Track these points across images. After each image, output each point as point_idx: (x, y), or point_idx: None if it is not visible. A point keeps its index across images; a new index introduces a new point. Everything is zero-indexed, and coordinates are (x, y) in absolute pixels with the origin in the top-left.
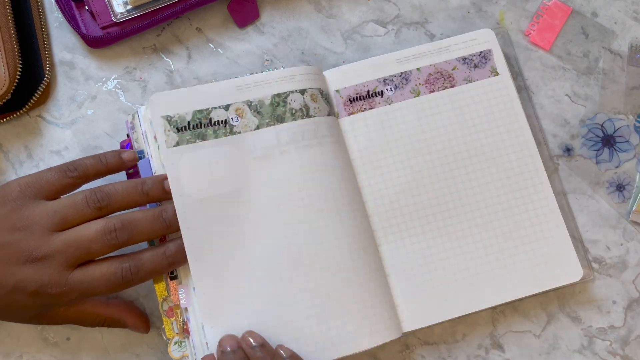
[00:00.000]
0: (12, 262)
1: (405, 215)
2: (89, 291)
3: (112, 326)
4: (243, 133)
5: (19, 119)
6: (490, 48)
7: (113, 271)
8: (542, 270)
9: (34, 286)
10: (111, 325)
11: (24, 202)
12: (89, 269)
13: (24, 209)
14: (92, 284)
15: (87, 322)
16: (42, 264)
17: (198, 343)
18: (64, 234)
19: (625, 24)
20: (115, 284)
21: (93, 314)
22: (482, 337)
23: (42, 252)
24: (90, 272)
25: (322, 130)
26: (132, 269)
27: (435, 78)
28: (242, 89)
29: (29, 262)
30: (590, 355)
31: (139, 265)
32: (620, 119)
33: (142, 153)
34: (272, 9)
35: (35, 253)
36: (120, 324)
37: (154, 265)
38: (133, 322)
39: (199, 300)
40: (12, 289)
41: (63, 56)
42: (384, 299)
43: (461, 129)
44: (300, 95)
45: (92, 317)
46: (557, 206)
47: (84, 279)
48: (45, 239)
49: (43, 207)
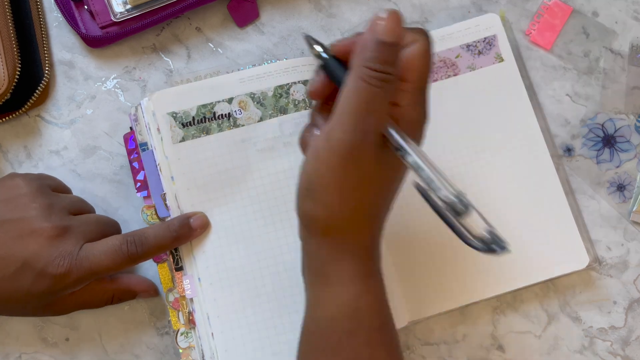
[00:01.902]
0: (24, 235)
1: (410, 205)
2: (95, 266)
3: (122, 300)
4: (247, 125)
5: (18, 118)
6: (495, 34)
7: (118, 244)
8: (548, 259)
9: (43, 263)
10: (121, 299)
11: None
12: (94, 244)
13: (52, 196)
14: (97, 258)
15: (95, 302)
16: (56, 241)
17: (204, 333)
18: (82, 215)
19: (626, 24)
20: (120, 257)
21: (100, 291)
22: (482, 337)
23: (58, 229)
24: (96, 247)
25: None
26: (136, 241)
27: (439, 67)
28: (244, 82)
29: (43, 238)
30: (591, 356)
31: (143, 239)
32: (621, 119)
33: (145, 145)
34: (272, 8)
35: (51, 231)
36: (129, 294)
37: (158, 240)
38: (142, 288)
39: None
40: (21, 265)
41: (62, 56)
42: (391, 289)
43: (465, 118)
44: (302, 86)
45: (100, 294)
46: (563, 193)
47: (89, 253)
48: (62, 216)
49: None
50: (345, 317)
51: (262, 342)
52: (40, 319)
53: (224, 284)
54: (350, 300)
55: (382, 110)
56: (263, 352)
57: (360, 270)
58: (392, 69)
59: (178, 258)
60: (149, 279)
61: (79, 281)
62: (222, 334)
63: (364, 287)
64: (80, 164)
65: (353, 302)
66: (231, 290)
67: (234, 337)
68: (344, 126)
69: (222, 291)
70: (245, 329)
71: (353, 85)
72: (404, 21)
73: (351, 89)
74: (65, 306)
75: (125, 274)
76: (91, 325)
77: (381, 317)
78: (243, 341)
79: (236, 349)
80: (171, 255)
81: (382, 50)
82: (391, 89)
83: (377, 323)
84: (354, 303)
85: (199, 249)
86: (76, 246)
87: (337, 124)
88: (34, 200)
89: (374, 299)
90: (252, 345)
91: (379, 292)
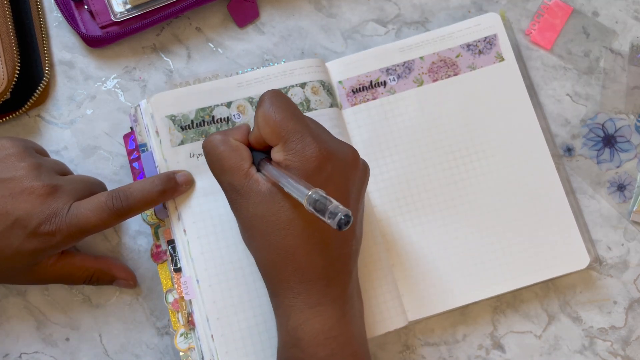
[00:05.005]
0: (15, 194)
1: (410, 205)
2: (83, 224)
3: (100, 282)
4: None
5: (18, 118)
6: (496, 33)
7: (104, 200)
8: (548, 258)
9: (34, 221)
10: (100, 280)
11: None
12: (82, 202)
13: (42, 160)
14: (85, 216)
15: (75, 278)
16: (48, 199)
17: (203, 334)
18: (69, 175)
19: (626, 24)
20: (107, 213)
21: (82, 267)
22: (482, 338)
23: (49, 188)
24: (83, 204)
25: (324, 122)
26: (121, 197)
27: (439, 66)
28: (242, 86)
29: (34, 196)
30: (591, 356)
31: (128, 194)
32: (621, 119)
33: (145, 146)
34: (271, 8)
35: (42, 190)
36: (108, 277)
37: (144, 194)
38: (121, 275)
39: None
40: (12, 224)
41: (62, 56)
42: (390, 289)
43: (466, 118)
44: (300, 89)
45: (81, 271)
46: (563, 193)
47: (77, 211)
48: (51, 175)
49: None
50: (287, 345)
51: (263, 344)
52: (40, 319)
53: (224, 286)
54: (294, 329)
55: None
56: (264, 354)
57: (312, 299)
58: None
59: (177, 259)
60: (131, 270)
61: (69, 238)
62: (223, 336)
63: (308, 316)
64: (80, 164)
65: (294, 332)
66: (230, 293)
67: (235, 339)
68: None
69: (221, 293)
70: (246, 331)
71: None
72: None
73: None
74: (47, 275)
75: (110, 258)
76: (91, 325)
77: (327, 349)
78: (244, 343)
79: (237, 351)
80: (170, 256)
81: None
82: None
83: (322, 354)
84: (296, 332)
85: (197, 250)
86: (66, 205)
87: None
88: (23, 160)
89: (320, 328)
90: (252, 347)
91: (327, 322)
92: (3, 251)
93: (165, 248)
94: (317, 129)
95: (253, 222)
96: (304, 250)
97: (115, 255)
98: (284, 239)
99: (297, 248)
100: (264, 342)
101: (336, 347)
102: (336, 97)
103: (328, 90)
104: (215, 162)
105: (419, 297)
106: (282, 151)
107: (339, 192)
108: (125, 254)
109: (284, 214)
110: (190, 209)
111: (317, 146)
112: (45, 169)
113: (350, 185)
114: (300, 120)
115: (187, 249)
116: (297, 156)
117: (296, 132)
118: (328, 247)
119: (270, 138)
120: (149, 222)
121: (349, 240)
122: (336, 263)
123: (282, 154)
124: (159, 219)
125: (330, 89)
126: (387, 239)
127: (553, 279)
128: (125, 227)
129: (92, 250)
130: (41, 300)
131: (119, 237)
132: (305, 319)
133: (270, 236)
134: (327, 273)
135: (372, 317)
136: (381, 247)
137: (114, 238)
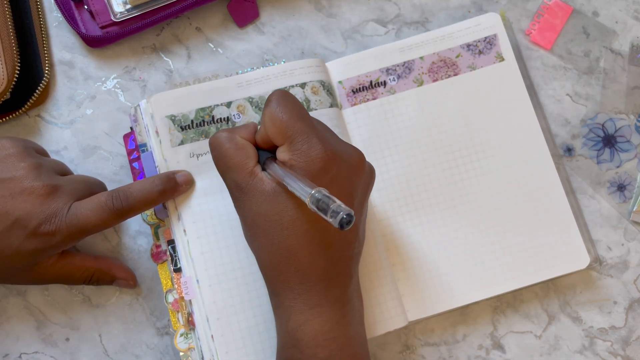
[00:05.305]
0: (15, 194)
1: (410, 205)
2: (83, 224)
3: (100, 282)
4: None
5: (18, 118)
6: (496, 33)
7: (104, 200)
8: (548, 258)
9: (34, 221)
10: (100, 281)
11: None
12: (82, 202)
13: (42, 160)
14: (85, 216)
15: (75, 278)
16: (48, 199)
17: (203, 335)
18: (69, 175)
19: (626, 24)
20: (107, 212)
21: (82, 267)
22: (482, 338)
23: (49, 188)
24: (83, 204)
25: (324, 122)
26: (121, 196)
27: (439, 66)
28: (242, 86)
29: (34, 196)
30: (591, 356)
31: (128, 194)
32: (621, 119)
33: (145, 146)
34: (271, 8)
35: (42, 190)
36: (108, 277)
37: (144, 194)
38: (121, 275)
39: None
40: (12, 224)
41: (62, 56)
42: (390, 289)
43: (466, 118)
44: (300, 89)
45: (81, 271)
46: (563, 193)
47: (77, 211)
48: (51, 175)
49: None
50: (287, 346)
51: (263, 344)
52: (40, 319)
53: (224, 286)
54: (293, 330)
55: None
56: (264, 354)
57: (312, 300)
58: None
59: (177, 259)
60: (131, 270)
61: (69, 238)
62: (223, 336)
63: (308, 317)
64: (80, 164)
65: (293, 332)
66: (230, 293)
67: (235, 339)
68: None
69: (221, 293)
70: (246, 331)
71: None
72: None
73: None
74: (47, 275)
75: (110, 258)
76: (91, 325)
77: (326, 350)
78: (244, 343)
79: (237, 351)
80: (170, 256)
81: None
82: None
83: (321, 355)
84: (295, 333)
85: (197, 251)
86: (66, 205)
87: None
88: (23, 160)
89: (320, 329)
90: (252, 347)
91: (326, 323)
92: (3, 251)
93: (165, 248)
94: (323, 131)
95: (256, 221)
96: (306, 251)
97: (115, 255)
98: (287, 238)
99: (299, 248)
100: (264, 342)
101: (335, 349)
102: (336, 97)
103: (328, 90)
104: (220, 159)
105: (419, 297)
106: (288, 151)
107: (342, 194)
108: (125, 254)
109: (287, 213)
110: (190, 209)
111: (323, 147)
112: (45, 169)
113: (354, 188)
114: (306, 121)
115: (187, 249)
116: (302, 156)
117: (302, 133)
118: (330, 248)
119: (276, 138)
120: (149, 222)
121: (351, 243)
122: (337, 265)
123: (288, 154)
124: (159, 219)
125: (330, 89)
126: (387, 239)
127: (553, 279)
128: (125, 227)
129: (92, 250)
130: (41, 300)
131: (119, 237)
132: (305, 320)
133: (273, 235)
134: (328, 275)
135: (372, 317)
136: (381, 247)
137: (114, 238)
